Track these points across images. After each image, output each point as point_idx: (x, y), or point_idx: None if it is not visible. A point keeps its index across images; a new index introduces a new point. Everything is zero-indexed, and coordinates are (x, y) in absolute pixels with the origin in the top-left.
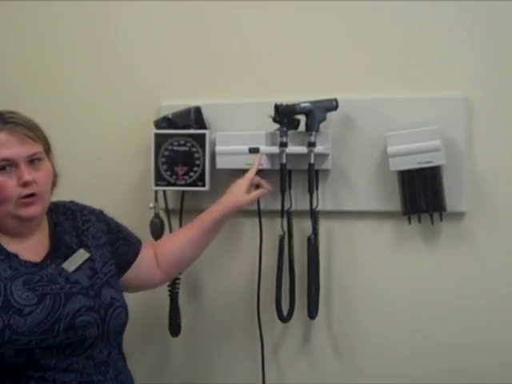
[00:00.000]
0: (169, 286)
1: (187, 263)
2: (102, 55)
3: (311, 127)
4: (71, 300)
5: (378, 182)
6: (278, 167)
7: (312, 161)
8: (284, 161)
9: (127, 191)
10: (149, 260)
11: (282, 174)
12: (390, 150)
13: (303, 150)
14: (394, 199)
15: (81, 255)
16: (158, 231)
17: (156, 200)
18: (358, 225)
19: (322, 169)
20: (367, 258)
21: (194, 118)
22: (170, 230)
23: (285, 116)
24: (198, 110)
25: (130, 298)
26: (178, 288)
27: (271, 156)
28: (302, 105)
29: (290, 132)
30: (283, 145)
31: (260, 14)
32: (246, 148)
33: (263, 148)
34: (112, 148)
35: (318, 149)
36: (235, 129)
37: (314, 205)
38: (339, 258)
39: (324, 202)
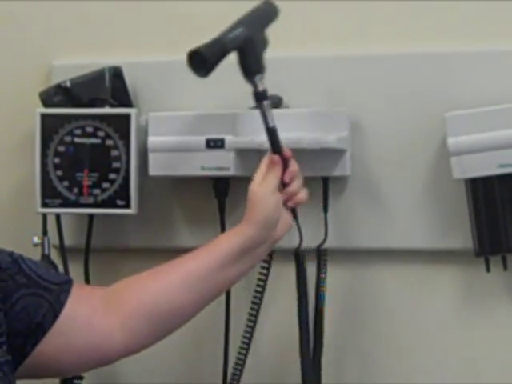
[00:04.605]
0: None
1: (178, 321)
2: None
3: (252, 67)
4: None
5: (431, 201)
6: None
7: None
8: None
9: None
10: (89, 316)
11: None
12: (452, 142)
13: (300, 141)
14: (459, 230)
15: None
16: None
17: (44, 231)
18: (399, 274)
19: (333, 176)
20: (415, 329)
21: (111, 86)
22: None
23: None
24: (116, 74)
25: None
26: None
27: (245, 154)
28: (232, 34)
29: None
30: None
31: None
32: (201, 140)
33: (231, 139)
34: None
35: (328, 140)
36: (182, 107)
37: (320, 238)
38: (362, 330)
39: (337, 235)
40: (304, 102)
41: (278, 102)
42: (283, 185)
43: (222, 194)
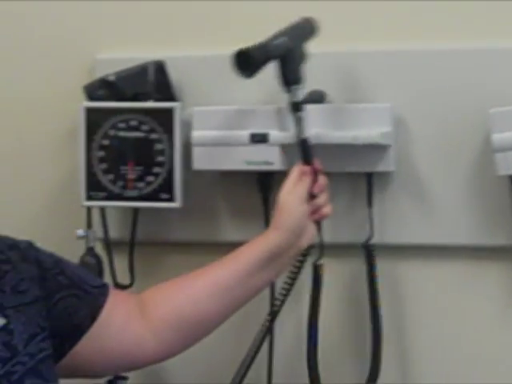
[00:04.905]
0: None
1: (205, 329)
2: None
3: (291, 77)
4: None
5: (476, 197)
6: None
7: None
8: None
9: (38, 209)
10: (124, 320)
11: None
12: (496, 139)
13: (345, 136)
14: (504, 226)
15: None
16: None
17: (89, 225)
18: (443, 270)
19: (377, 171)
20: (460, 326)
21: (155, 80)
22: (113, 276)
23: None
24: (160, 68)
25: None
26: None
27: (289, 149)
28: (277, 41)
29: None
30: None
31: None
32: (245, 134)
33: (276, 134)
34: (11, 135)
35: (372, 135)
36: (226, 101)
37: (366, 234)
38: (406, 325)
39: (383, 230)
40: (348, 98)
41: (321, 98)
42: (311, 196)
43: (266, 189)
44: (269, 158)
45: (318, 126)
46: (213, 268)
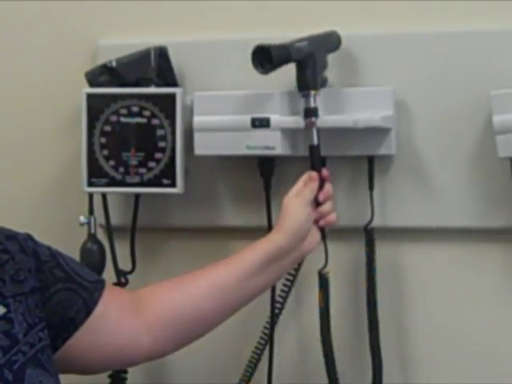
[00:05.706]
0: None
1: (202, 329)
2: None
3: (309, 82)
4: None
5: (477, 179)
6: (301, 152)
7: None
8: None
9: (40, 196)
10: (119, 316)
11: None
12: (497, 120)
13: (346, 120)
14: (505, 208)
15: None
16: (95, 264)
17: (91, 211)
18: (445, 252)
19: (378, 155)
20: (463, 308)
21: (157, 66)
22: (115, 262)
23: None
24: (162, 53)
25: None
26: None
27: (290, 133)
28: (298, 45)
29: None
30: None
31: None
32: (246, 119)
33: (277, 119)
34: (13, 121)
35: (373, 119)
36: (227, 86)
37: (367, 217)
38: (408, 308)
39: (384, 213)
40: (349, 81)
41: (323, 82)
42: (316, 204)
43: (268, 173)
44: (270, 142)
45: (319, 110)
46: (213, 268)
